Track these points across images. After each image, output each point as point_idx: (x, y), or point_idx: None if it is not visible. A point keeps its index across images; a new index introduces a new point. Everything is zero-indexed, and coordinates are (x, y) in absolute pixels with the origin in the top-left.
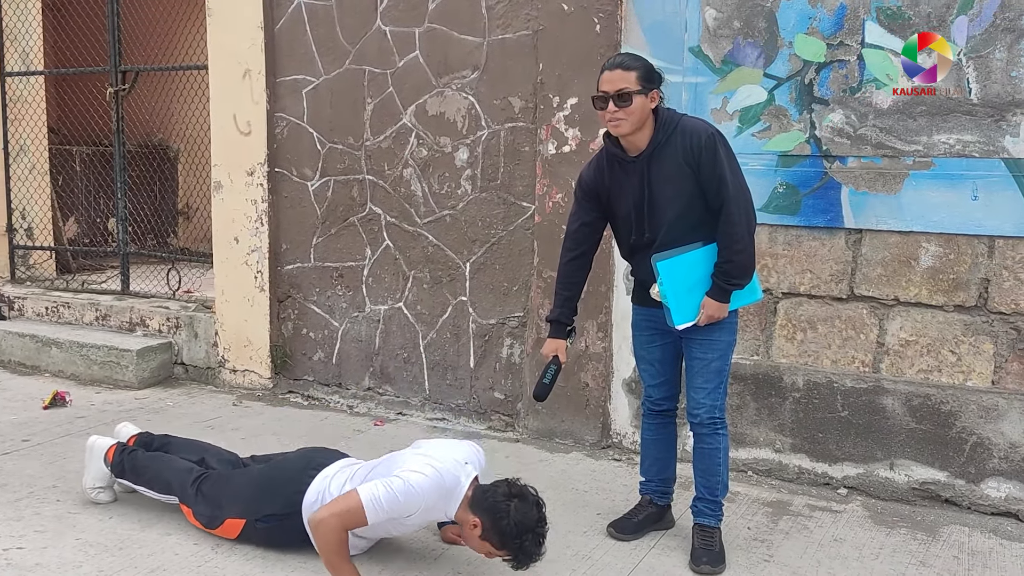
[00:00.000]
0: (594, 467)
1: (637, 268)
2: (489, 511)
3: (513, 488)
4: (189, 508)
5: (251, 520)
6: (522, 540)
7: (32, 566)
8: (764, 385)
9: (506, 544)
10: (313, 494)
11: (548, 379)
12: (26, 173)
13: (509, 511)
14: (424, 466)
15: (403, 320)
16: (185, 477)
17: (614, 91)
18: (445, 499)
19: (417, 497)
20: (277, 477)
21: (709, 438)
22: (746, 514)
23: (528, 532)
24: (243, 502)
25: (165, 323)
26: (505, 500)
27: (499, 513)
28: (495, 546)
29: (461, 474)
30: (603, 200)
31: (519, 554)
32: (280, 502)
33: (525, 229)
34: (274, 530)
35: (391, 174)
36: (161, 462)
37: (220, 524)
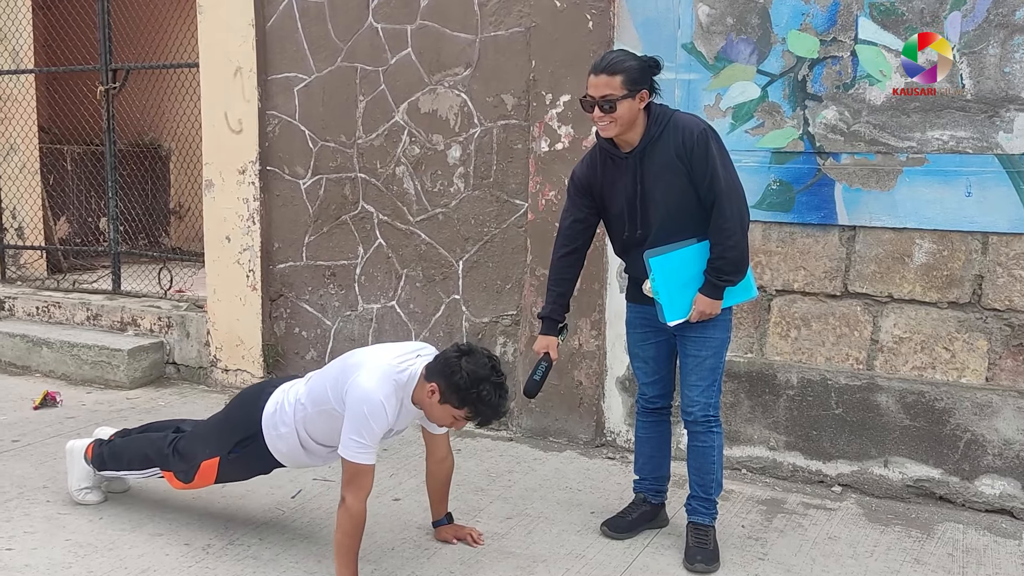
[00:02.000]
0: (588, 466)
1: (630, 265)
2: (441, 372)
3: (462, 346)
4: (170, 471)
5: (223, 455)
6: (479, 390)
7: (21, 567)
8: (758, 383)
9: (465, 399)
10: (271, 405)
11: (539, 376)
12: (16, 172)
13: (460, 365)
14: (367, 377)
15: (396, 319)
16: (161, 443)
17: (599, 97)
18: (402, 389)
19: (380, 410)
20: (237, 404)
21: (703, 436)
22: (740, 512)
23: (484, 381)
24: (211, 441)
25: (156, 323)
26: (455, 357)
27: (450, 369)
28: (455, 405)
29: (409, 366)
30: (596, 196)
31: (479, 406)
32: (243, 425)
33: (518, 227)
34: (245, 457)
35: (383, 172)
36: (137, 441)
37: (197, 470)
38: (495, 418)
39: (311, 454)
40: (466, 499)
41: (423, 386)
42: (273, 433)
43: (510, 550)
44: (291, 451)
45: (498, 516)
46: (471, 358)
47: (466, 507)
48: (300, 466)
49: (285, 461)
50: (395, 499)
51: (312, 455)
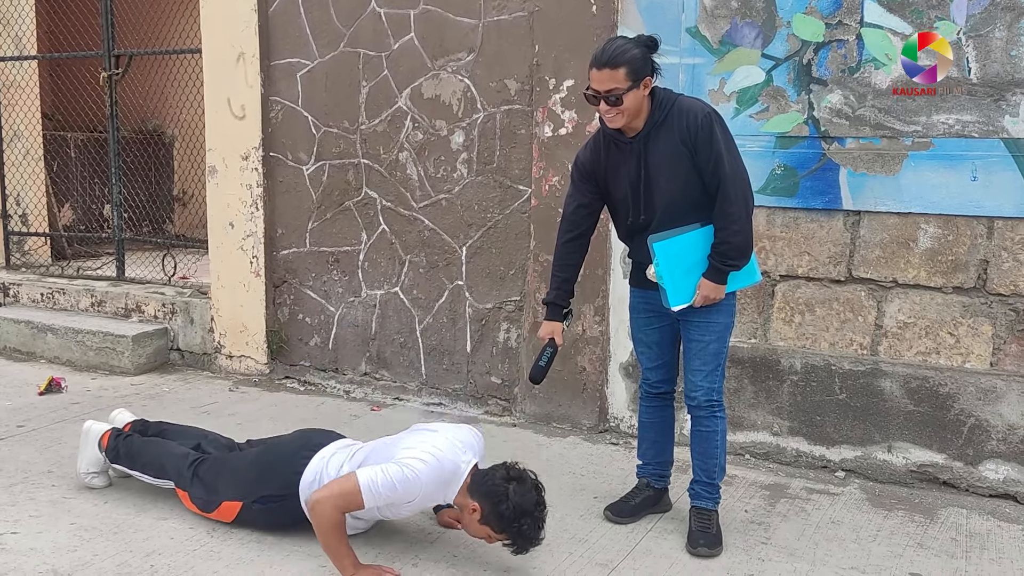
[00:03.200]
0: (591, 451)
1: (634, 250)
2: (488, 495)
3: (512, 471)
4: (185, 492)
5: (248, 502)
6: (521, 524)
7: (27, 551)
8: (762, 368)
9: (505, 528)
10: (310, 475)
11: (544, 362)
12: (20, 159)
13: (508, 495)
14: (423, 453)
15: (399, 305)
16: (181, 462)
17: (604, 91)
18: (444, 486)
19: (415, 485)
20: (274, 458)
21: (707, 421)
22: (743, 497)
23: (527, 516)
24: (239, 484)
25: (161, 309)
26: (504, 483)
27: (498, 497)
28: (494, 530)
29: (460, 461)
30: (600, 181)
31: (518, 538)
32: (277, 483)
33: (521, 212)
34: (271, 511)
35: (387, 158)
36: (157, 447)
37: (217, 507)
38: (530, 548)
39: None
40: None
41: (465, 497)
42: None
43: None
44: None
45: None
46: (519, 488)
47: None
48: None
49: None
50: None
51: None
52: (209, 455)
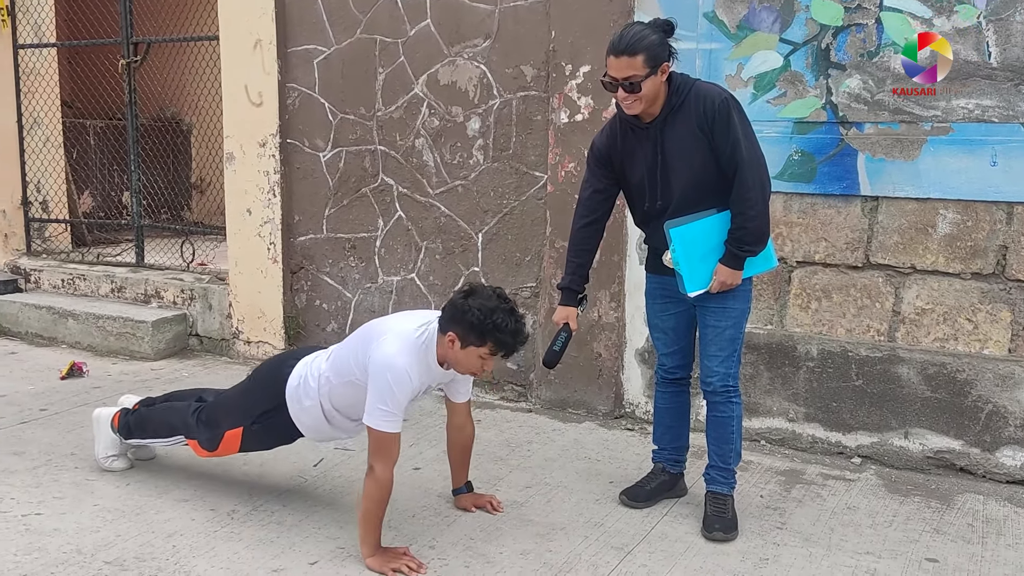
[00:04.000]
0: (607, 436)
1: (650, 235)
2: (452, 318)
3: (464, 289)
4: (194, 439)
5: (247, 425)
6: (493, 320)
7: (51, 531)
8: (778, 354)
9: (483, 334)
10: (295, 379)
11: (558, 346)
12: (40, 146)
13: (468, 304)
14: (389, 344)
15: (416, 291)
16: (185, 412)
17: (622, 78)
18: (425, 352)
19: (403, 376)
20: (261, 376)
21: (722, 406)
22: (759, 483)
23: (494, 311)
24: (235, 411)
25: (180, 295)
26: (461, 299)
27: (460, 311)
28: (477, 344)
29: (427, 329)
30: (616, 167)
31: (498, 335)
32: (267, 396)
33: (537, 199)
34: (268, 428)
35: (403, 144)
36: (162, 410)
37: (221, 439)
38: (518, 344)
39: (335, 427)
40: (486, 468)
41: (442, 340)
42: (297, 406)
43: (529, 518)
44: (315, 423)
45: (517, 485)
46: (476, 295)
47: (486, 476)
48: (324, 439)
49: (309, 433)
50: (415, 468)
51: (336, 427)
52: (208, 401)
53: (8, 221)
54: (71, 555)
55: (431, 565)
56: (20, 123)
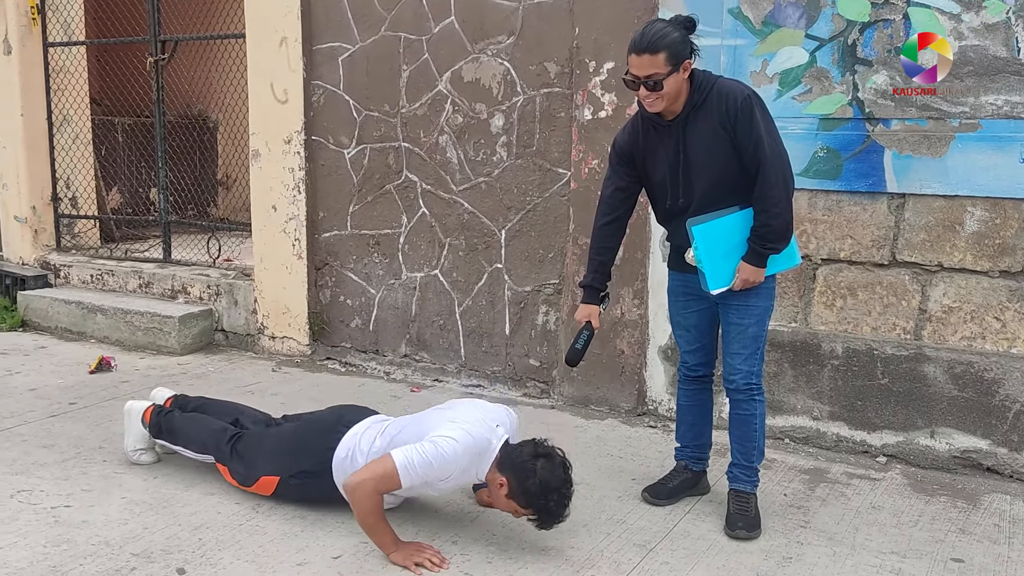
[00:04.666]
0: (629, 434)
1: (673, 233)
2: (515, 470)
3: (540, 448)
4: (225, 467)
5: (284, 477)
6: (547, 500)
7: (79, 523)
8: (802, 352)
9: (531, 503)
10: (343, 450)
11: (581, 344)
12: (69, 143)
13: (535, 471)
14: (456, 430)
15: (439, 287)
16: (220, 437)
17: (644, 76)
18: (476, 462)
19: (449, 462)
20: (308, 434)
21: (745, 404)
22: (783, 481)
23: (553, 492)
24: (276, 460)
25: (206, 290)
26: (531, 460)
27: (525, 473)
28: (521, 505)
29: (492, 437)
30: (638, 164)
31: (543, 514)
32: (312, 459)
33: (561, 196)
34: (307, 486)
35: (427, 141)
36: (197, 423)
37: (255, 481)
38: (554, 525)
39: None
40: None
41: (494, 471)
42: (343, 477)
43: None
44: None
45: None
46: (547, 464)
47: None
48: None
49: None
50: None
51: None
52: (247, 430)
53: (38, 217)
54: (99, 547)
55: (453, 560)
56: (50, 120)
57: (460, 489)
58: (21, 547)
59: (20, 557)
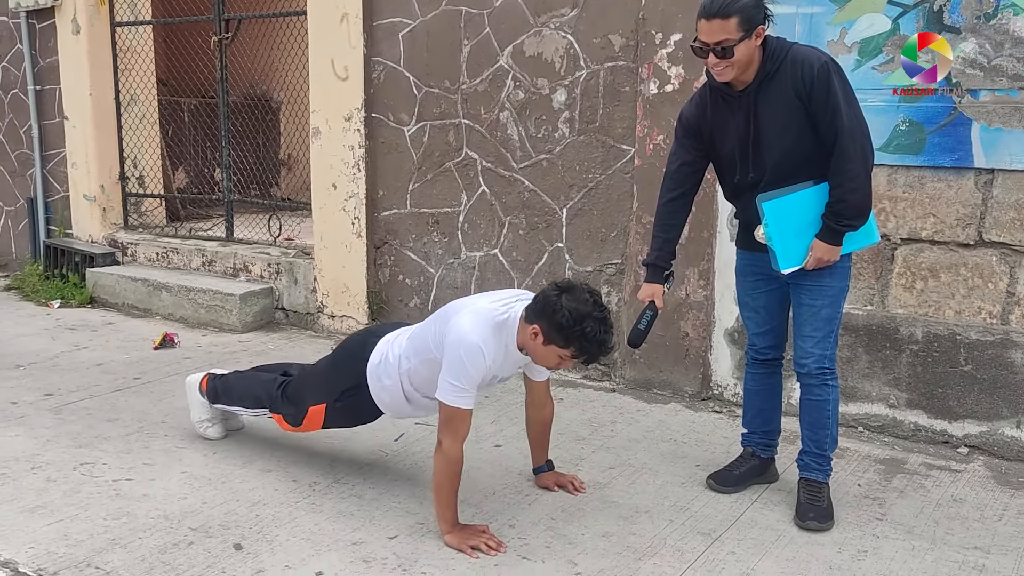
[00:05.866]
0: (693, 418)
1: (741, 209)
2: (541, 312)
3: (560, 283)
4: (279, 414)
5: (330, 402)
6: (583, 327)
7: (140, 497)
8: (878, 337)
9: (569, 338)
10: (376, 356)
11: (643, 325)
12: (136, 122)
13: (561, 303)
14: (464, 321)
15: (499, 267)
16: (271, 386)
17: (713, 43)
18: (500, 334)
19: (478, 352)
20: (344, 353)
21: (818, 389)
22: (856, 471)
23: (586, 318)
24: (319, 388)
25: (266, 269)
26: (555, 295)
27: (551, 308)
28: (559, 345)
29: (508, 309)
30: (705, 138)
31: (583, 342)
32: (350, 374)
33: (624, 173)
34: (351, 406)
35: (487, 118)
36: (248, 379)
37: (305, 415)
38: (601, 355)
39: (415, 405)
40: (567, 448)
41: (524, 329)
42: (377, 384)
43: (612, 499)
44: (395, 402)
45: (600, 465)
46: (571, 295)
47: (567, 455)
48: (404, 416)
49: (389, 411)
50: (496, 445)
51: (416, 406)
52: (293, 376)
53: (107, 195)
54: (158, 520)
55: (511, 544)
56: (118, 100)
57: (513, 464)
58: (82, 519)
59: (81, 529)
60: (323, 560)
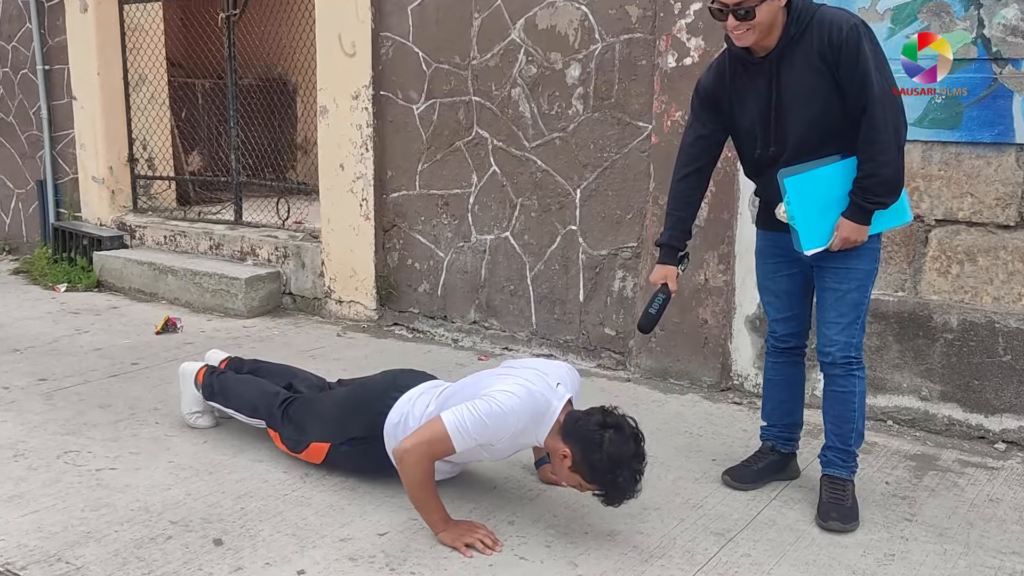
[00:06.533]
0: (711, 410)
1: (762, 187)
2: (581, 441)
3: (609, 418)
4: (276, 432)
5: (335, 443)
6: (615, 475)
7: (122, 487)
8: (910, 325)
9: (597, 479)
10: (396, 415)
11: (655, 309)
12: (146, 103)
13: (603, 443)
14: (512, 385)
15: (510, 250)
16: (272, 401)
17: (733, 4)
18: (535, 423)
19: (505, 420)
20: (360, 399)
21: (843, 380)
22: (884, 467)
23: (622, 467)
24: (327, 425)
25: (274, 252)
26: (599, 430)
27: (591, 444)
28: (586, 479)
29: (553, 396)
30: (724, 109)
31: (610, 490)
32: (363, 424)
33: (640, 152)
34: (357, 453)
35: (498, 95)
36: (249, 385)
37: (305, 448)
38: (623, 502)
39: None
40: None
41: (556, 440)
42: (395, 444)
43: None
44: None
45: None
46: (616, 436)
47: None
48: None
49: None
50: None
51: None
52: (299, 395)
53: (115, 178)
54: (137, 513)
55: (508, 543)
56: (126, 79)
57: (517, 455)
58: (59, 510)
59: (56, 521)
60: (306, 557)
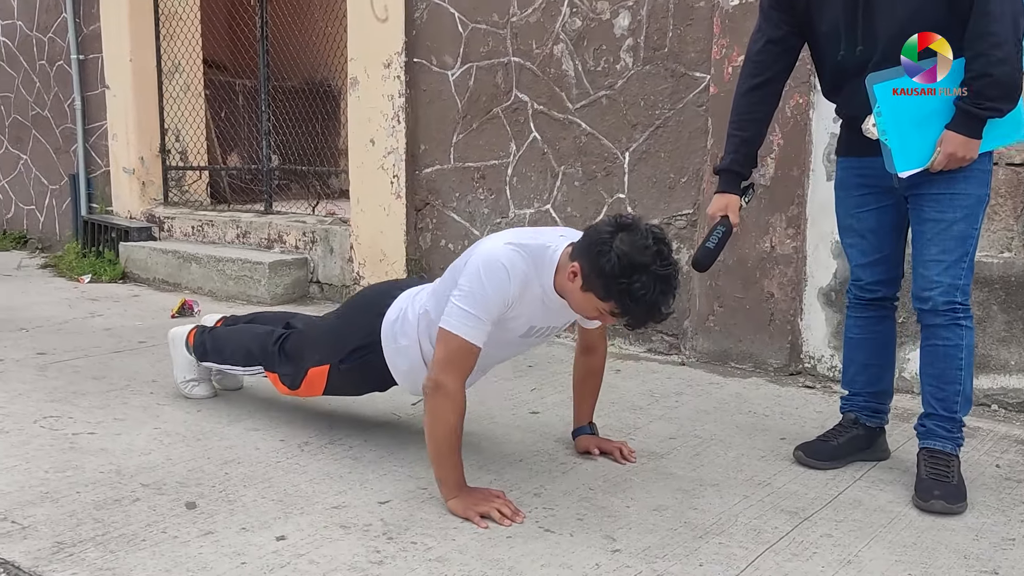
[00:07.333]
0: (778, 392)
1: (846, 101)
2: (586, 249)
3: (620, 220)
4: (274, 373)
5: (335, 363)
6: (630, 281)
7: (96, 451)
8: (1018, 292)
9: (610, 290)
10: (394, 311)
11: (713, 243)
12: (180, 93)
13: (612, 244)
14: (493, 239)
15: (551, 224)
16: (266, 339)
17: None
18: (536, 270)
19: (497, 274)
20: (358, 306)
21: (945, 331)
22: (992, 451)
23: (639, 270)
24: (324, 345)
25: (301, 238)
26: (608, 232)
27: (598, 247)
28: (600, 296)
29: (548, 241)
30: (799, 7)
31: (628, 301)
32: (361, 330)
33: (697, 106)
34: (358, 369)
35: (539, 53)
36: (242, 332)
37: (303, 377)
38: (651, 321)
39: None
40: (620, 417)
41: (565, 267)
42: (392, 346)
43: (669, 471)
44: (412, 369)
45: (658, 436)
46: (629, 236)
47: (619, 424)
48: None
49: (403, 381)
50: (533, 412)
51: None
52: (295, 329)
53: (146, 168)
54: (108, 475)
55: (533, 514)
56: (159, 68)
57: (547, 428)
58: (19, 471)
59: (11, 481)
60: (290, 523)
